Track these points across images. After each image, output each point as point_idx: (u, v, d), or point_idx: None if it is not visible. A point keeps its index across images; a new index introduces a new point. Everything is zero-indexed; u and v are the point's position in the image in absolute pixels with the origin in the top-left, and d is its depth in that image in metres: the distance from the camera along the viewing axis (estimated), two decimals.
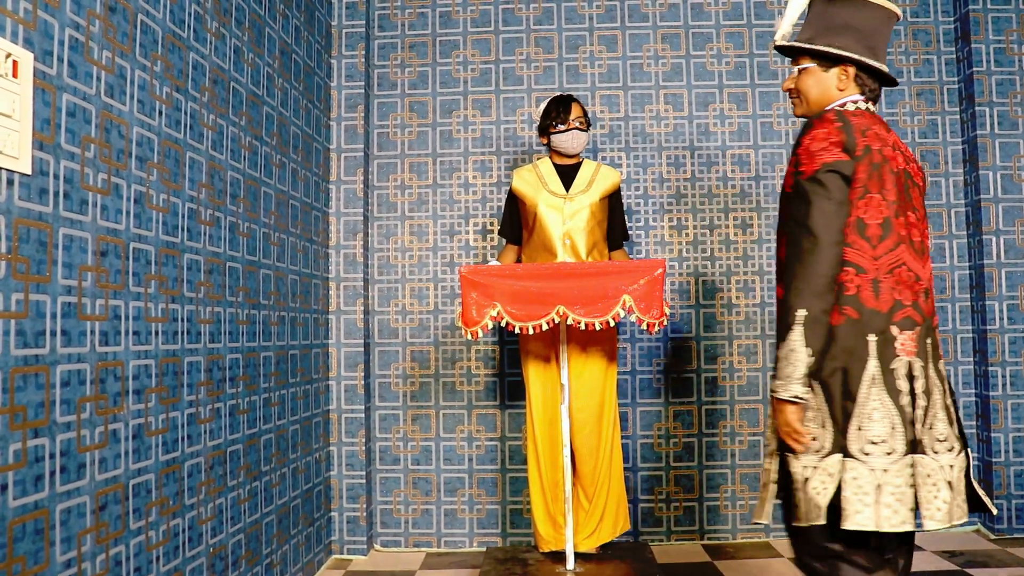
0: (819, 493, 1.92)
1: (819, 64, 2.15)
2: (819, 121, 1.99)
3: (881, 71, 2.13)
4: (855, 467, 1.90)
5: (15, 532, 1.65)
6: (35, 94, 1.74)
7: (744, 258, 4.16)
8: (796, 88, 2.21)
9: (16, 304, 1.67)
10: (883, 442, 1.89)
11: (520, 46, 4.27)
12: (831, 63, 2.13)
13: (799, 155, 1.98)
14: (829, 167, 1.93)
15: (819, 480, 1.93)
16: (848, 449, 1.91)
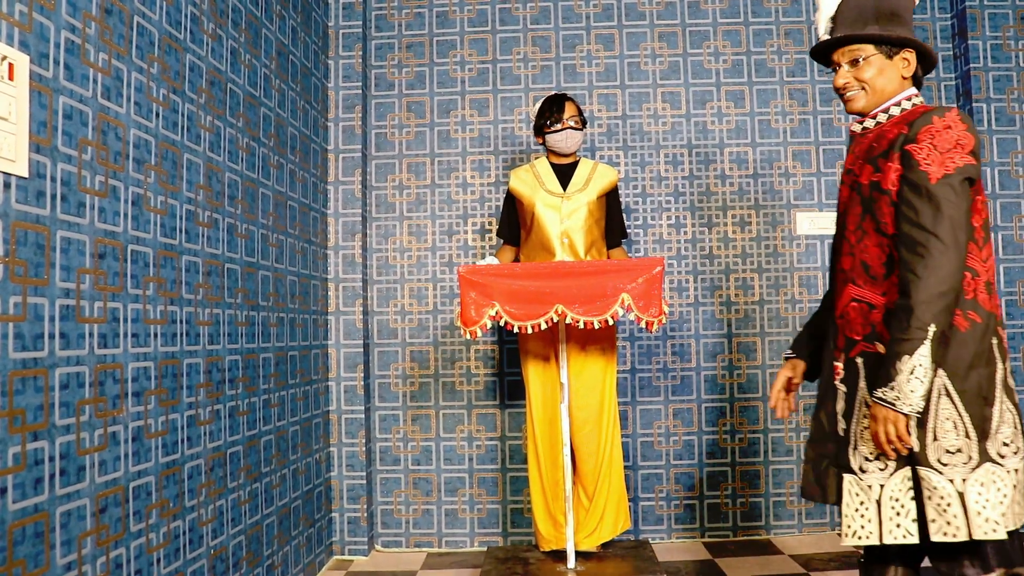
0: (987, 505, 1.85)
1: (883, 52, 2.05)
2: (939, 118, 1.90)
3: (934, 57, 2.08)
4: (997, 471, 1.88)
5: (15, 535, 1.65)
6: (31, 97, 1.74)
7: (743, 256, 4.16)
8: (858, 79, 2.09)
9: (14, 307, 1.67)
10: (1012, 443, 1.90)
11: (517, 45, 4.27)
12: (895, 51, 2.05)
13: (921, 152, 1.88)
14: (962, 173, 1.86)
15: (976, 492, 1.86)
16: (990, 455, 1.88)
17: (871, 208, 1.99)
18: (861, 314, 2.02)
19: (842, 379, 2.09)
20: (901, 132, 1.94)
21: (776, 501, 4.06)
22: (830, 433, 2.10)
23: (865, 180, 2.01)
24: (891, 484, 1.95)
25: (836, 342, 2.13)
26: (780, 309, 4.13)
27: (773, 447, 4.07)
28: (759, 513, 4.06)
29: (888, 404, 1.85)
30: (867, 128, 2.11)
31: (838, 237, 2.17)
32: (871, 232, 1.99)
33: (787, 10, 4.24)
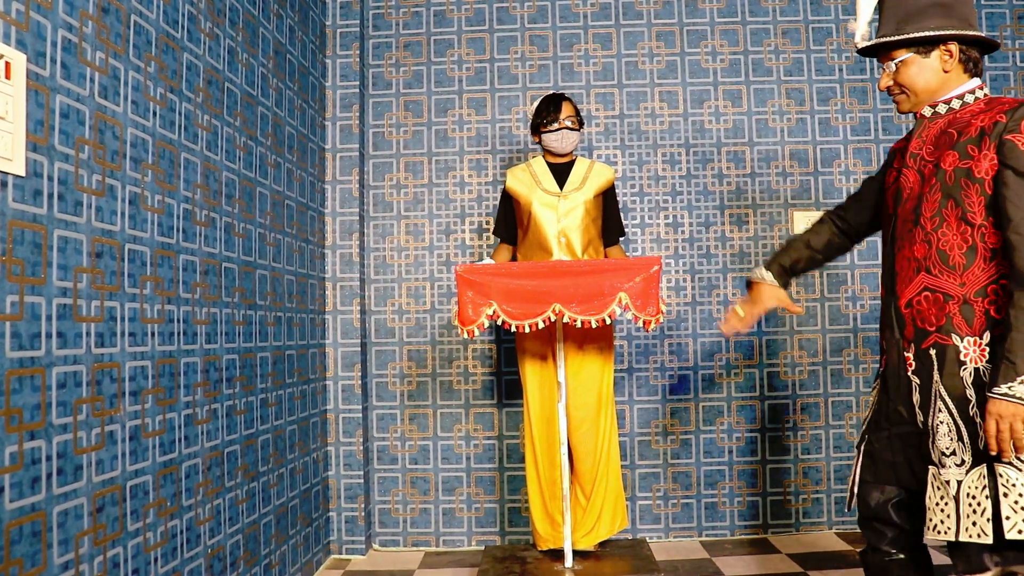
0: None
1: (918, 52, 2.06)
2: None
3: (981, 39, 2.05)
4: None
5: (12, 535, 1.65)
6: (28, 95, 1.73)
7: (740, 255, 4.16)
8: (897, 83, 2.12)
9: (11, 306, 1.67)
10: None
11: (515, 45, 4.27)
12: (931, 47, 2.05)
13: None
14: None
15: None
16: None
17: (956, 195, 1.95)
18: (935, 304, 1.99)
19: (914, 370, 2.06)
20: (997, 120, 1.90)
21: (773, 500, 4.06)
22: (911, 423, 2.08)
23: (948, 167, 1.97)
24: (968, 481, 1.92)
25: (904, 332, 2.09)
26: (778, 308, 4.13)
27: (770, 446, 4.08)
28: (757, 512, 4.06)
29: (1017, 399, 1.80)
30: (938, 113, 2.08)
31: (904, 222, 2.11)
32: (953, 220, 1.96)
33: (784, 9, 4.24)
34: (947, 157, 1.98)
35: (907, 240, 2.08)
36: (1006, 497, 1.85)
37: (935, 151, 2.03)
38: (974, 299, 1.94)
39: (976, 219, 1.92)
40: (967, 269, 1.94)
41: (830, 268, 4.12)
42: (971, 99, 2.04)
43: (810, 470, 4.07)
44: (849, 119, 4.19)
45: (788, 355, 4.11)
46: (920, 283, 2.03)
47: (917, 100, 2.11)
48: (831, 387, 4.11)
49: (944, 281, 1.97)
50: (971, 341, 1.94)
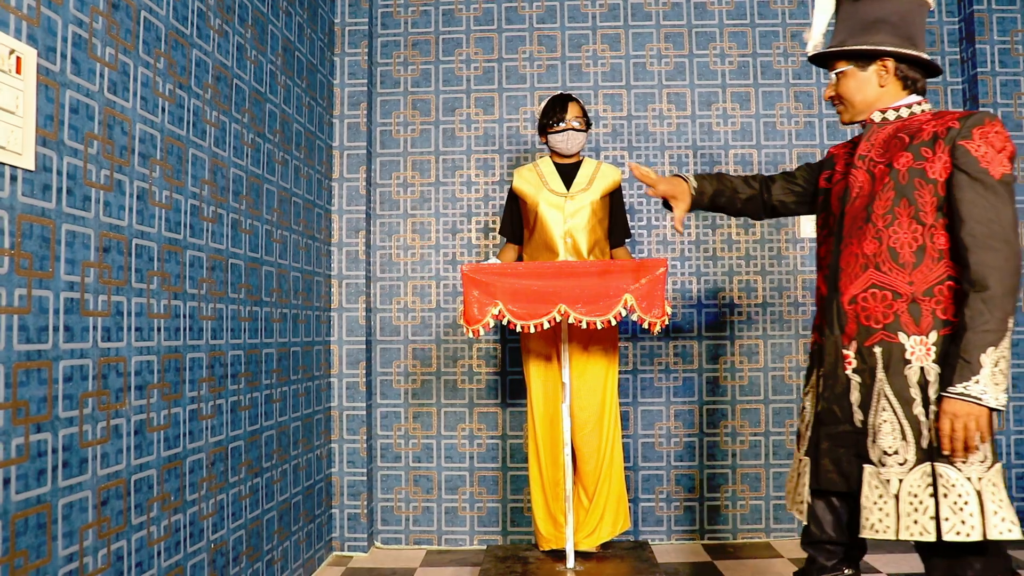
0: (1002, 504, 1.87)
1: (856, 65, 2.13)
2: (990, 121, 1.94)
3: (922, 60, 2.09)
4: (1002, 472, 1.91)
5: (17, 526, 1.66)
6: (38, 90, 1.74)
7: (746, 258, 4.16)
8: (838, 94, 2.20)
9: (19, 299, 1.68)
10: None
11: (523, 44, 4.27)
12: (868, 61, 2.11)
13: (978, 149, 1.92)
14: (1012, 176, 1.92)
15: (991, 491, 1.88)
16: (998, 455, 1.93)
17: (909, 194, 1.98)
18: (882, 302, 2.00)
19: (855, 369, 2.06)
20: (950, 126, 1.95)
21: (776, 504, 4.06)
22: (846, 423, 2.08)
23: (902, 167, 2.00)
24: (910, 479, 1.94)
25: (845, 329, 2.09)
26: (783, 312, 4.13)
27: (774, 450, 4.07)
28: (759, 516, 4.06)
29: (972, 399, 1.83)
30: (887, 119, 2.13)
31: (853, 220, 2.12)
32: (904, 219, 1.98)
33: (793, 12, 4.24)
34: (900, 157, 2.02)
35: (856, 237, 2.09)
36: (945, 498, 1.88)
37: (885, 153, 2.07)
38: (922, 298, 1.96)
39: (927, 219, 1.96)
40: (916, 268, 1.97)
41: None
42: (918, 110, 2.11)
43: None
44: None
45: (793, 359, 4.11)
46: (868, 280, 2.04)
47: (854, 112, 2.19)
48: None
49: (893, 278, 1.99)
50: (917, 340, 1.96)
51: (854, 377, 2.06)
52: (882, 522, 1.96)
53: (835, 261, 2.16)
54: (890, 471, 1.97)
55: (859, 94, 2.15)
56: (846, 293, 2.09)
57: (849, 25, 2.15)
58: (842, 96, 2.18)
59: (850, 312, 2.07)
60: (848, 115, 2.21)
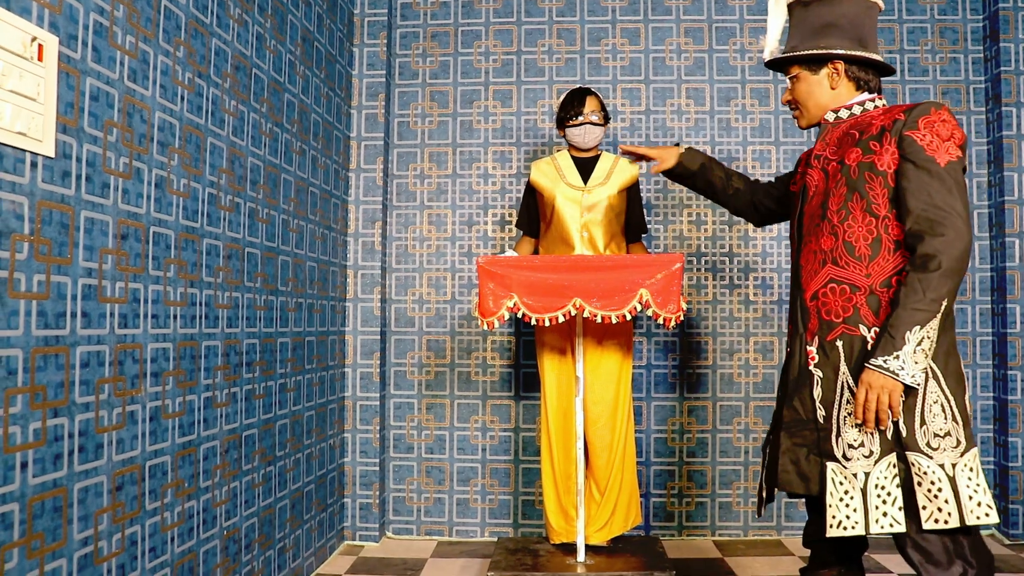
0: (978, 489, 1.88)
1: (808, 69, 2.18)
2: (936, 110, 1.96)
3: (871, 60, 2.14)
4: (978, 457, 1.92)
5: (34, 509, 1.67)
6: (59, 78, 1.75)
7: (763, 255, 4.14)
8: (793, 99, 2.25)
9: (38, 285, 1.69)
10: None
11: (542, 37, 4.26)
12: (819, 65, 2.17)
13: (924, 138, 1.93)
14: (961, 162, 1.94)
15: (967, 477, 1.89)
16: (974, 440, 1.92)
17: (860, 188, 2.01)
18: (842, 296, 2.02)
19: (816, 364, 2.08)
20: (896, 119, 1.98)
21: (788, 502, 4.05)
22: (808, 421, 2.09)
23: (852, 162, 2.03)
24: (876, 471, 1.94)
25: (808, 325, 2.12)
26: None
27: None
28: (770, 513, 4.05)
29: (889, 372, 1.86)
30: (840, 118, 2.17)
31: (811, 218, 2.16)
32: (858, 212, 2.01)
33: None
34: (850, 153, 2.05)
35: (814, 235, 2.12)
36: (920, 487, 1.89)
37: (838, 150, 2.10)
38: (879, 290, 1.98)
39: (880, 211, 1.98)
40: (872, 260, 1.99)
41: None
42: (871, 106, 2.14)
43: None
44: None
45: None
46: (826, 275, 2.06)
47: (809, 115, 2.23)
48: None
49: (851, 272, 2.01)
50: (877, 332, 1.97)
51: (816, 372, 2.07)
52: (850, 518, 1.96)
53: (796, 260, 2.21)
54: (856, 464, 1.97)
55: (811, 97, 2.19)
56: (808, 290, 2.12)
57: (801, 30, 2.20)
58: (797, 100, 2.23)
59: (812, 308, 2.10)
60: (804, 119, 2.25)
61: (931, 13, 4.22)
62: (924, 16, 4.22)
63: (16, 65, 1.58)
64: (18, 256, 1.63)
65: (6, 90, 1.56)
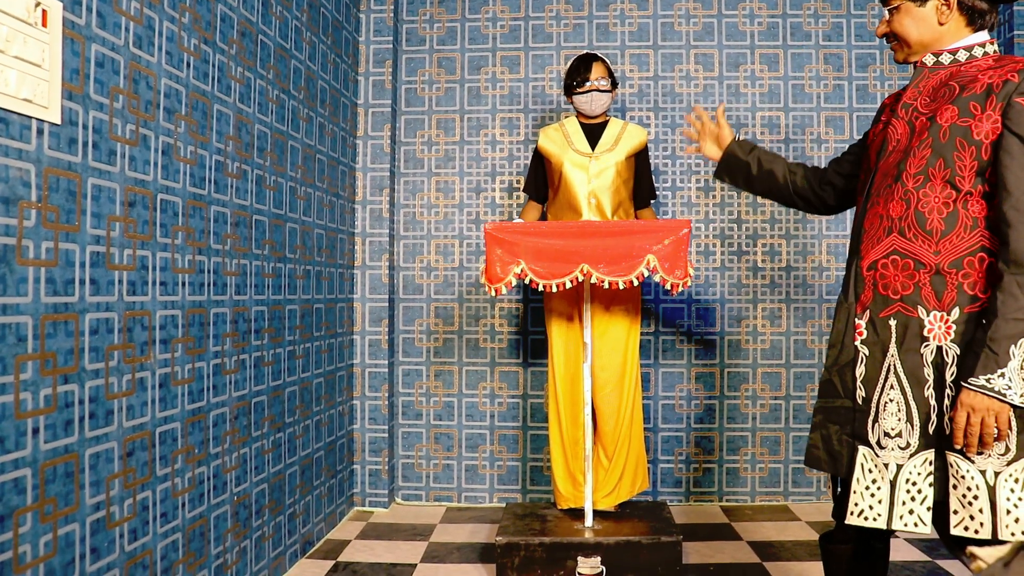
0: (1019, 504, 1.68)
1: (912, 1, 1.87)
2: None
3: None
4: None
5: (47, 474, 1.69)
6: (64, 44, 1.75)
7: (771, 221, 4.12)
8: (892, 31, 1.93)
9: (46, 252, 1.70)
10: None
11: (550, 3, 4.22)
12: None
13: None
14: None
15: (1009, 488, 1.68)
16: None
17: (947, 155, 1.76)
18: (903, 271, 1.81)
19: (863, 340, 1.89)
20: (1008, 79, 1.70)
21: (795, 468, 4.06)
22: (846, 398, 1.92)
23: (945, 122, 1.77)
24: (910, 465, 1.78)
25: (859, 295, 1.92)
26: (807, 276, 4.10)
27: (794, 414, 4.07)
28: (778, 479, 4.07)
29: (995, 393, 1.64)
30: (941, 63, 1.89)
31: (884, 176, 1.92)
32: (938, 181, 1.77)
33: None
34: (944, 111, 1.78)
35: (883, 196, 1.89)
36: (955, 489, 1.73)
37: (931, 103, 1.84)
38: (947, 270, 1.76)
39: (964, 184, 1.74)
40: (944, 236, 1.76)
41: None
42: (979, 53, 1.85)
43: None
44: (888, 86, 4.11)
45: (816, 323, 4.09)
46: (889, 245, 1.85)
47: (910, 51, 1.93)
48: None
49: (917, 246, 1.79)
50: (937, 316, 1.77)
51: (862, 349, 1.89)
52: (873, 509, 1.82)
53: (859, 222, 1.97)
54: (889, 454, 1.81)
55: (915, 32, 1.89)
56: (866, 257, 1.90)
57: None
58: (896, 33, 1.92)
59: (867, 279, 1.90)
60: (902, 54, 1.95)
61: None
62: None
63: (20, 31, 1.58)
64: (26, 223, 1.63)
65: (11, 56, 1.56)
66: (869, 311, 1.89)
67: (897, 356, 1.82)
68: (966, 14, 1.85)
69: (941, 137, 1.77)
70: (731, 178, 2.41)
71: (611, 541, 3.01)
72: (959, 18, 1.85)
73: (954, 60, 1.86)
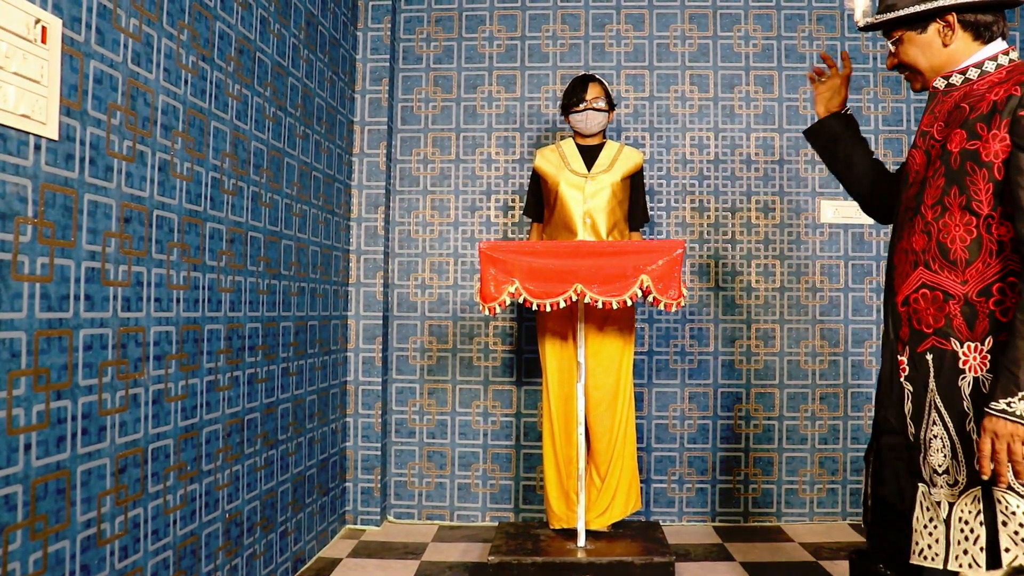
0: None
1: (912, 29, 1.85)
2: None
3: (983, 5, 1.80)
4: None
5: (38, 491, 1.68)
6: (63, 60, 1.75)
7: (765, 242, 4.14)
8: (901, 62, 1.92)
9: (41, 268, 1.70)
10: None
11: (546, 23, 4.25)
12: (923, 23, 1.84)
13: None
14: None
15: None
16: None
17: (960, 181, 1.72)
18: (934, 304, 1.78)
19: (907, 377, 1.86)
20: (1011, 94, 1.66)
21: (788, 488, 4.06)
22: (901, 435, 1.88)
23: (955, 148, 1.74)
24: (961, 503, 1.73)
25: (899, 333, 1.89)
26: (800, 297, 4.11)
27: (787, 434, 4.07)
28: (771, 500, 4.06)
29: (1017, 419, 1.58)
30: (952, 85, 1.85)
31: (906, 210, 1.89)
32: (956, 209, 1.73)
33: None
34: (955, 136, 1.75)
35: (906, 230, 1.87)
36: (1005, 526, 1.66)
37: (945, 128, 1.80)
38: (976, 299, 1.71)
39: (982, 208, 1.69)
40: (970, 265, 1.72)
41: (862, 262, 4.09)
42: (991, 67, 1.79)
43: (826, 460, 4.06)
44: (881, 108, 4.14)
45: (810, 344, 4.10)
46: (918, 279, 1.82)
47: (924, 79, 1.90)
48: (851, 378, 4.09)
49: (944, 278, 1.76)
50: (971, 347, 1.72)
51: (907, 386, 1.86)
52: (931, 548, 1.76)
53: (890, 258, 1.95)
54: (940, 492, 1.76)
55: (923, 59, 1.87)
56: (900, 293, 1.88)
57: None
58: (907, 64, 1.90)
59: (903, 314, 1.87)
60: (919, 83, 1.92)
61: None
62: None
63: (19, 47, 1.58)
64: (22, 239, 1.63)
65: (10, 72, 1.56)
66: (908, 347, 1.86)
67: (935, 390, 1.78)
68: (971, 30, 1.81)
69: (953, 164, 1.74)
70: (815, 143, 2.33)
71: (604, 561, 3.00)
72: (965, 35, 1.82)
73: (965, 79, 1.82)
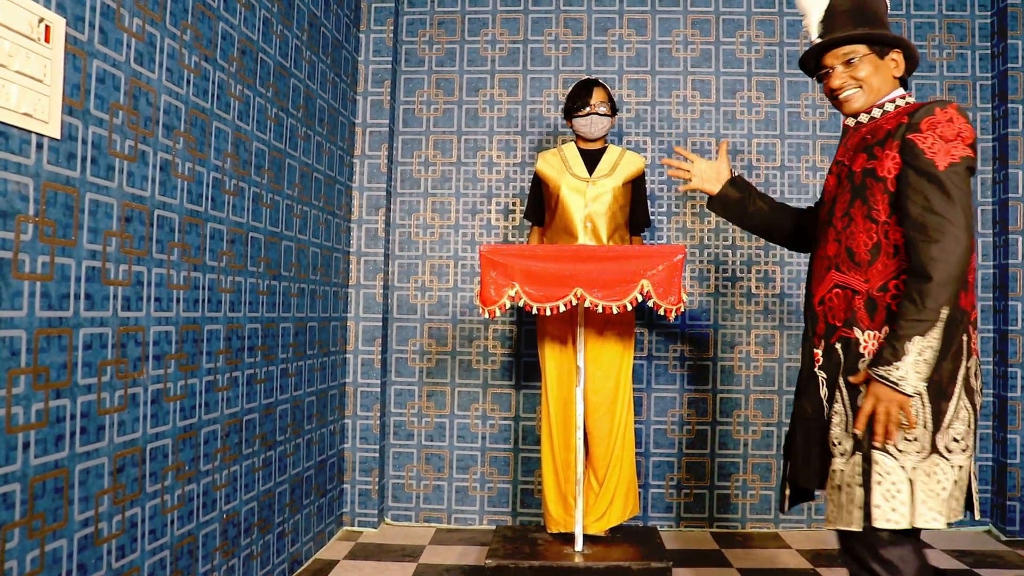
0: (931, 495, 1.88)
1: (875, 51, 2.09)
2: (941, 110, 1.91)
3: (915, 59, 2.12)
4: (941, 464, 1.90)
5: (36, 489, 1.68)
6: (66, 59, 1.75)
7: (765, 248, 4.14)
8: (854, 78, 2.10)
9: (42, 266, 1.70)
10: (962, 440, 1.92)
11: (549, 27, 4.25)
12: (887, 49, 2.09)
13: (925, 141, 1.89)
14: (965, 162, 1.88)
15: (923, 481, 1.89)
16: (938, 447, 1.90)
17: (862, 194, 2.00)
18: (844, 300, 2.03)
19: (820, 366, 2.09)
20: (901, 122, 1.95)
21: None
22: (815, 418, 2.10)
23: (858, 168, 2.03)
24: (847, 469, 1.97)
25: (815, 329, 2.13)
26: (800, 303, 4.11)
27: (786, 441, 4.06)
28: (768, 506, 4.06)
29: (891, 384, 1.85)
30: (861, 123, 2.13)
31: (822, 224, 2.16)
32: (859, 219, 2.01)
33: None
34: (858, 159, 2.04)
35: (822, 241, 2.14)
36: (879, 485, 1.90)
37: (854, 155, 2.07)
38: (877, 294, 1.97)
39: (880, 216, 1.97)
40: (871, 265, 1.99)
41: None
42: (891, 108, 2.08)
43: None
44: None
45: None
46: (831, 280, 2.08)
47: (869, 97, 2.11)
48: None
49: (851, 278, 2.02)
50: (871, 335, 1.97)
51: (821, 374, 2.10)
52: (833, 512, 2.00)
53: (810, 266, 2.23)
54: (836, 461, 2.00)
55: (876, 79, 2.09)
56: (816, 295, 2.14)
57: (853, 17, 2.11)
58: (861, 80, 2.09)
59: (819, 312, 2.12)
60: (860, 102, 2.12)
61: (939, 8, 4.20)
62: (932, 12, 4.20)
63: (23, 46, 1.59)
64: (23, 237, 1.63)
65: (13, 71, 1.56)
66: (823, 340, 2.11)
67: (843, 374, 2.03)
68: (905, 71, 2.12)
69: (856, 180, 2.04)
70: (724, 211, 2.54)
71: (601, 566, 3.00)
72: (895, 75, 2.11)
73: (871, 118, 2.11)
